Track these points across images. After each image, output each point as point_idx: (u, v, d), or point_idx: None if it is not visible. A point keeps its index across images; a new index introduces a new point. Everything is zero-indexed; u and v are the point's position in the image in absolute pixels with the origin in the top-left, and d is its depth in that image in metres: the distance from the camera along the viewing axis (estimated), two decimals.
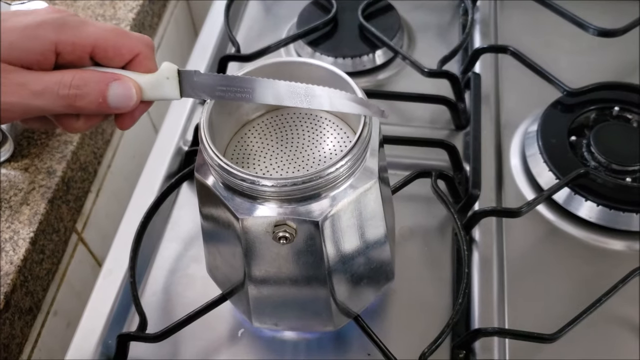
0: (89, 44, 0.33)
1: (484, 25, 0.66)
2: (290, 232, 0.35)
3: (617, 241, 0.51)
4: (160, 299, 0.50)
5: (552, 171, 0.53)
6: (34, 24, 0.32)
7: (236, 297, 0.43)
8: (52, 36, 0.32)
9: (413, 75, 0.61)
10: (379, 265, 0.42)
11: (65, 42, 0.33)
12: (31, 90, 0.32)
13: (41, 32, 0.32)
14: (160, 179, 0.55)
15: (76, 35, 0.33)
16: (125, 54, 0.34)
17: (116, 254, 0.51)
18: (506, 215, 0.50)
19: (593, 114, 0.56)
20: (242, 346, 0.47)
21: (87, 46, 0.33)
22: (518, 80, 0.61)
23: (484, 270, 0.49)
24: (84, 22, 0.33)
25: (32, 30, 0.32)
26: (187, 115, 0.60)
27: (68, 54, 0.33)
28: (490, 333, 0.44)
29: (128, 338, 0.45)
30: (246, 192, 0.34)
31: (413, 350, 0.43)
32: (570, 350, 0.45)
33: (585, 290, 0.48)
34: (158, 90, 0.35)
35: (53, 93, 0.32)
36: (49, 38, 0.32)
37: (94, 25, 0.34)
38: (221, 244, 0.40)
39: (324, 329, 0.45)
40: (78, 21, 0.33)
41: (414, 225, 0.53)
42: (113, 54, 0.34)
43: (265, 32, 0.69)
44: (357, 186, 0.35)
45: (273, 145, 0.39)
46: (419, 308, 0.48)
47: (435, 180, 0.50)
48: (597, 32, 0.59)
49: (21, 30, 0.32)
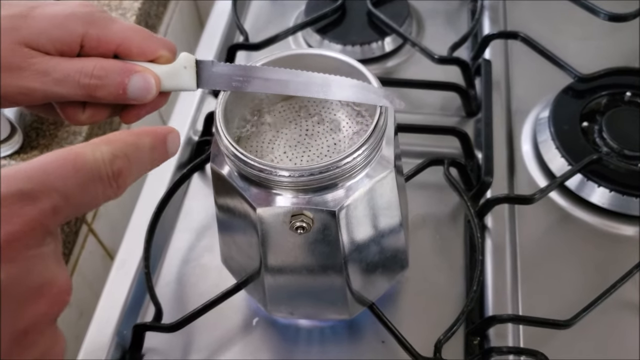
0: (114, 42, 0.33)
1: (493, 11, 0.65)
2: (307, 222, 0.35)
3: (630, 227, 0.51)
4: (174, 289, 0.50)
5: (564, 157, 0.52)
6: (63, 14, 0.32)
7: (251, 286, 0.43)
8: (79, 29, 0.32)
9: (422, 62, 0.61)
10: (394, 254, 0.42)
11: (91, 37, 0.33)
12: (53, 77, 0.32)
13: (70, 23, 0.32)
14: (171, 170, 0.55)
15: (103, 32, 0.33)
16: (148, 55, 0.34)
17: (129, 245, 0.51)
18: (519, 202, 0.50)
19: (604, 100, 0.56)
20: (257, 335, 0.47)
21: (111, 44, 0.33)
22: (528, 66, 0.61)
23: (497, 257, 0.49)
24: (111, 20, 0.33)
25: (61, 20, 0.32)
26: (196, 106, 0.60)
27: (92, 48, 0.33)
28: (505, 320, 0.44)
29: (144, 328, 0.45)
30: (263, 182, 0.34)
31: (427, 338, 0.43)
32: (583, 337, 0.45)
33: (597, 276, 0.48)
34: (175, 81, 0.34)
35: (74, 81, 0.32)
36: (76, 30, 0.32)
37: (121, 23, 0.34)
38: (237, 234, 0.40)
39: (339, 317, 0.45)
40: (106, 18, 0.33)
41: (425, 213, 0.53)
42: (136, 54, 0.34)
43: (272, 20, 0.68)
44: (373, 175, 0.35)
45: (286, 134, 0.39)
46: (433, 296, 0.48)
47: (448, 167, 0.50)
48: (608, 16, 0.58)
49: (50, 18, 0.32)
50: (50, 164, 0.24)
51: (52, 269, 0.24)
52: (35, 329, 0.24)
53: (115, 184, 0.26)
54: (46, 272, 0.24)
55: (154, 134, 0.28)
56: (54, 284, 0.24)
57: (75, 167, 0.25)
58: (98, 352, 0.46)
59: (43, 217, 0.24)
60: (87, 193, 0.25)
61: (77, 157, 0.25)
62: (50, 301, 0.24)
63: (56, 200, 0.24)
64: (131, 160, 0.27)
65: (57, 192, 0.24)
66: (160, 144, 0.29)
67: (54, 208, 0.24)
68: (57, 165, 0.24)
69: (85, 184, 0.25)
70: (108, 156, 0.26)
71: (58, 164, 0.24)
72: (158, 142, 0.29)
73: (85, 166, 0.25)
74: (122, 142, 0.27)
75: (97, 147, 0.26)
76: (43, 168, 0.24)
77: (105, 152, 0.26)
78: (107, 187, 0.26)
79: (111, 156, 0.26)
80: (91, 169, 0.25)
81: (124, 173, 0.27)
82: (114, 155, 0.26)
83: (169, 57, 0.35)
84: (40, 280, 0.24)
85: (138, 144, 0.28)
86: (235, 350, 0.46)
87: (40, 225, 0.24)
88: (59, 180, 0.24)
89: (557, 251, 0.50)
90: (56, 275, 0.25)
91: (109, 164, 0.26)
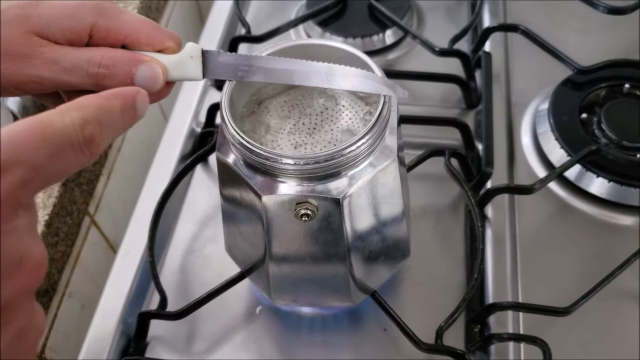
0: (123, 32, 0.33)
1: (492, 4, 0.66)
2: (312, 210, 0.35)
3: (628, 217, 0.51)
4: (178, 278, 0.50)
5: (563, 148, 0.53)
6: (73, 4, 0.33)
7: (255, 274, 0.44)
8: (89, 19, 0.33)
9: (422, 54, 0.61)
10: (396, 242, 0.43)
11: (101, 27, 0.33)
12: (62, 66, 0.32)
13: (79, 13, 0.32)
14: (174, 161, 0.56)
15: (112, 22, 0.33)
16: (156, 45, 0.34)
17: (133, 235, 0.52)
18: (519, 192, 0.51)
19: (603, 92, 0.57)
20: (261, 323, 0.48)
21: (120, 34, 0.33)
22: (528, 58, 0.62)
23: (497, 246, 0.49)
24: (120, 11, 0.34)
25: (71, 9, 0.32)
26: (199, 97, 0.60)
27: (101, 38, 0.33)
28: (506, 307, 0.45)
29: (149, 316, 0.46)
30: (268, 170, 0.35)
31: (428, 325, 0.44)
32: (582, 324, 0.46)
33: (596, 265, 0.48)
34: (181, 70, 0.35)
35: (83, 71, 0.32)
36: (86, 20, 0.33)
37: (129, 14, 0.34)
38: (241, 223, 0.41)
39: (342, 304, 0.46)
40: (116, 9, 0.34)
41: (426, 203, 0.53)
42: (144, 45, 0.34)
43: (274, 12, 0.69)
44: (376, 164, 0.36)
45: (291, 122, 0.39)
46: (433, 284, 0.49)
47: (449, 158, 0.51)
48: (607, 9, 0.59)
49: (60, 8, 0.32)
50: (18, 134, 0.24)
51: (26, 243, 0.24)
52: (12, 304, 0.24)
53: (88, 150, 0.26)
54: (21, 246, 0.24)
55: (122, 96, 0.28)
56: (29, 257, 0.24)
57: (44, 136, 0.24)
58: (103, 340, 0.46)
59: (13, 190, 0.23)
60: (59, 162, 0.25)
61: (46, 125, 0.24)
62: (26, 275, 0.24)
63: (26, 172, 0.23)
64: (102, 125, 0.26)
65: (26, 163, 0.23)
66: (130, 106, 0.28)
67: (23, 180, 0.23)
68: (25, 135, 0.24)
69: (55, 152, 0.24)
70: (78, 121, 0.25)
71: (26, 134, 0.24)
72: (127, 104, 0.28)
73: (55, 134, 0.24)
74: (92, 107, 0.26)
75: (67, 113, 0.25)
76: (11, 139, 0.23)
77: (75, 118, 0.25)
78: (79, 154, 0.25)
79: (81, 121, 0.25)
80: (61, 137, 0.25)
81: (96, 138, 0.26)
82: (85, 120, 0.25)
83: (175, 49, 0.35)
84: (15, 254, 0.23)
85: (108, 107, 0.27)
86: (238, 338, 0.47)
87: (11, 199, 0.23)
88: (27, 151, 0.24)
89: (556, 240, 0.51)
90: (31, 248, 0.24)
91: (79, 130, 0.25)
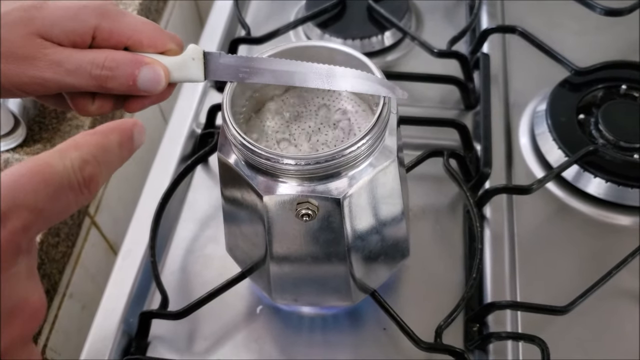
0: (126, 34, 0.34)
1: (490, 5, 0.66)
2: (313, 210, 0.35)
3: (625, 216, 0.52)
4: (178, 278, 0.51)
5: (561, 149, 0.53)
6: (77, 6, 0.33)
7: (256, 274, 0.44)
8: (92, 21, 0.33)
9: (421, 56, 0.62)
10: (396, 242, 0.43)
11: (104, 29, 0.33)
12: (66, 68, 0.32)
13: (83, 15, 0.33)
14: (174, 162, 0.56)
15: (115, 24, 0.33)
16: (158, 47, 0.35)
17: (134, 235, 0.52)
18: (517, 192, 0.51)
19: (600, 93, 0.57)
20: (261, 322, 0.48)
21: (123, 36, 0.34)
22: (525, 60, 0.62)
23: (496, 246, 0.50)
24: (123, 13, 0.34)
25: (74, 11, 0.33)
26: (199, 98, 0.61)
27: (104, 40, 0.34)
28: (504, 306, 0.45)
29: (150, 316, 0.46)
30: (269, 171, 0.35)
31: (427, 324, 0.44)
32: (580, 323, 0.46)
33: (593, 265, 0.49)
34: (183, 72, 0.35)
35: (86, 72, 0.33)
36: (89, 22, 0.33)
37: (132, 16, 0.34)
38: (242, 223, 0.41)
39: (342, 304, 0.46)
40: (118, 11, 0.34)
41: (425, 203, 0.54)
42: (147, 46, 0.34)
43: (273, 14, 0.69)
44: (376, 165, 0.36)
45: (290, 122, 0.40)
46: (432, 284, 0.49)
47: (448, 159, 0.51)
48: (604, 11, 0.59)
49: (63, 10, 0.33)
50: (20, 178, 0.24)
51: (24, 289, 0.24)
52: (10, 350, 0.24)
53: (87, 190, 0.26)
54: (19, 293, 0.24)
55: (120, 130, 0.28)
56: (27, 304, 0.24)
57: (44, 180, 0.24)
58: (105, 339, 0.47)
59: (14, 237, 0.23)
60: (59, 204, 0.25)
61: (46, 168, 0.24)
62: (24, 322, 0.24)
63: (27, 218, 0.24)
64: (101, 163, 0.26)
65: (27, 209, 0.24)
66: (127, 140, 0.28)
67: (24, 226, 0.24)
68: (26, 180, 0.24)
69: (56, 195, 0.24)
70: (78, 163, 0.25)
71: (27, 178, 0.24)
72: (125, 138, 0.28)
73: (55, 177, 0.24)
74: (90, 146, 0.26)
75: (66, 154, 0.25)
76: (13, 185, 0.24)
77: (74, 159, 0.25)
78: (78, 194, 0.25)
79: (81, 162, 0.25)
80: (61, 179, 0.25)
81: (95, 178, 0.26)
82: (84, 161, 0.26)
83: (177, 50, 0.36)
84: (12, 302, 0.23)
85: (106, 144, 0.27)
86: (239, 337, 0.47)
87: (12, 246, 0.23)
88: (29, 196, 0.24)
89: (554, 240, 0.51)
90: (29, 295, 0.24)
91: (79, 171, 0.25)
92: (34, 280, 0.25)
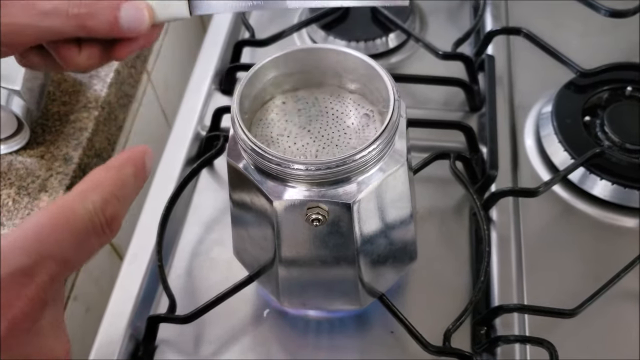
0: None
1: (495, 7, 0.66)
2: (323, 215, 0.35)
3: (631, 219, 0.52)
4: (185, 281, 0.51)
5: (567, 151, 0.53)
6: None
7: (264, 278, 0.44)
8: None
9: (425, 58, 0.62)
10: (404, 245, 0.43)
11: None
12: (40, 9, 0.31)
13: None
14: (179, 165, 0.56)
15: None
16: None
17: (140, 239, 0.52)
18: (524, 195, 0.51)
19: (606, 94, 0.57)
20: (268, 326, 0.48)
21: None
22: (530, 62, 0.62)
23: (502, 249, 0.50)
24: None
25: None
26: (203, 101, 0.60)
27: None
28: (512, 309, 0.45)
29: (158, 320, 0.46)
30: (279, 175, 0.35)
31: (435, 328, 0.44)
32: (587, 326, 0.46)
33: (599, 267, 0.49)
34: (166, 10, 0.34)
35: (63, 12, 0.31)
36: None
37: None
38: (251, 227, 0.41)
39: (350, 307, 0.46)
40: None
41: (431, 206, 0.54)
42: None
43: (277, 16, 0.69)
44: (386, 169, 0.36)
45: (295, 124, 0.39)
46: (439, 287, 0.49)
47: (454, 162, 0.51)
48: (609, 12, 0.59)
49: None
50: (44, 228, 0.24)
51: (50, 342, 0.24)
52: None
53: (109, 230, 0.25)
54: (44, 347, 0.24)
55: (133, 162, 0.27)
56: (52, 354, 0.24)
57: (69, 228, 0.24)
58: (112, 344, 0.46)
59: (42, 292, 0.23)
60: (84, 250, 0.25)
61: (70, 215, 0.24)
62: None
63: (54, 269, 0.23)
64: (120, 200, 0.26)
65: (54, 260, 0.23)
66: (141, 169, 0.28)
67: (51, 278, 0.23)
68: (51, 230, 0.24)
69: (81, 242, 0.24)
70: (100, 205, 0.25)
71: (52, 228, 0.24)
72: (139, 169, 0.28)
73: (79, 224, 0.24)
74: (108, 184, 0.26)
75: (87, 197, 0.25)
76: (37, 236, 0.23)
77: (96, 202, 0.25)
78: (101, 236, 0.25)
79: (103, 203, 0.25)
80: (85, 225, 0.24)
81: (117, 217, 0.26)
82: (105, 202, 0.25)
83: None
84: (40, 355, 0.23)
85: (123, 179, 0.27)
86: (246, 340, 0.47)
87: (39, 301, 0.23)
88: (55, 247, 0.23)
89: (560, 242, 0.51)
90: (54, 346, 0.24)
91: (101, 213, 0.25)
92: (60, 329, 0.25)
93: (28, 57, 0.35)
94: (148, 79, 0.74)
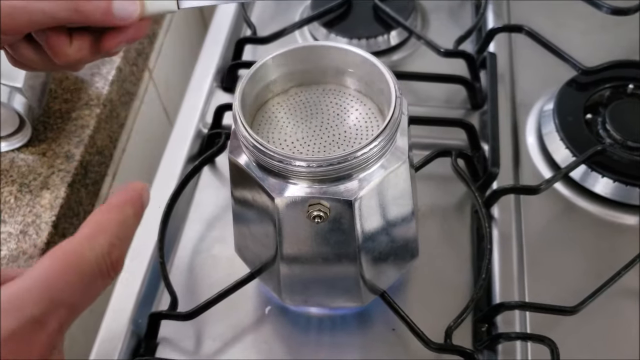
0: None
1: (496, 5, 0.66)
2: (325, 211, 0.35)
3: (633, 216, 0.52)
4: (186, 278, 0.51)
5: (568, 149, 0.53)
6: None
7: (266, 275, 0.44)
8: None
9: (427, 55, 0.62)
10: (406, 243, 0.43)
11: None
12: None
13: None
14: (181, 163, 0.56)
15: None
16: None
17: (141, 236, 0.52)
18: (526, 192, 0.51)
19: (607, 92, 0.57)
20: (270, 323, 0.48)
21: None
22: (532, 59, 0.62)
23: (504, 246, 0.50)
24: None
25: None
26: (205, 98, 0.61)
27: None
28: (513, 307, 0.45)
29: (160, 317, 0.46)
30: (281, 172, 0.35)
31: (436, 325, 0.44)
32: (588, 323, 0.46)
33: (600, 265, 0.49)
34: (154, 4, 0.35)
35: None
36: None
37: None
38: (253, 224, 0.41)
39: (351, 305, 0.46)
40: None
41: (433, 203, 0.54)
42: None
43: (278, 13, 0.69)
44: (388, 166, 0.36)
45: (296, 122, 0.39)
46: (440, 284, 0.49)
47: (456, 159, 0.51)
48: (610, 10, 0.59)
49: None
50: (53, 274, 0.24)
51: None
52: None
53: (114, 273, 0.26)
54: None
55: (132, 201, 0.28)
56: None
57: (78, 274, 0.24)
58: (114, 340, 0.47)
59: (52, 339, 0.23)
60: (91, 294, 0.25)
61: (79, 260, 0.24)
62: None
63: (64, 316, 0.24)
64: (123, 241, 0.27)
65: (64, 307, 0.24)
66: (140, 208, 0.28)
67: (61, 325, 0.24)
68: (59, 275, 0.24)
69: (89, 286, 0.25)
70: (106, 249, 0.25)
71: (61, 274, 0.24)
72: (138, 207, 0.28)
73: (87, 269, 0.25)
74: (113, 226, 0.26)
75: (94, 241, 0.25)
76: (47, 283, 0.24)
77: (103, 246, 0.25)
78: (106, 278, 0.26)
79: (109, 247, 0.25)
80: (93, 270, 0.25)
81: (121, 259, 0.26)
82: (111, 245, 0.26)
83: None
84: None
85: (125, 220, 0.27)
86: (248, 338, 0.47)
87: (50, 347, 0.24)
88: (64, 293, 0.24)
89: (561, 240, 0.51)
90: None
91: (107, 257, 0.25)
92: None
93: (19, 50, 0.35)
94: (150, 76, 0.74)
